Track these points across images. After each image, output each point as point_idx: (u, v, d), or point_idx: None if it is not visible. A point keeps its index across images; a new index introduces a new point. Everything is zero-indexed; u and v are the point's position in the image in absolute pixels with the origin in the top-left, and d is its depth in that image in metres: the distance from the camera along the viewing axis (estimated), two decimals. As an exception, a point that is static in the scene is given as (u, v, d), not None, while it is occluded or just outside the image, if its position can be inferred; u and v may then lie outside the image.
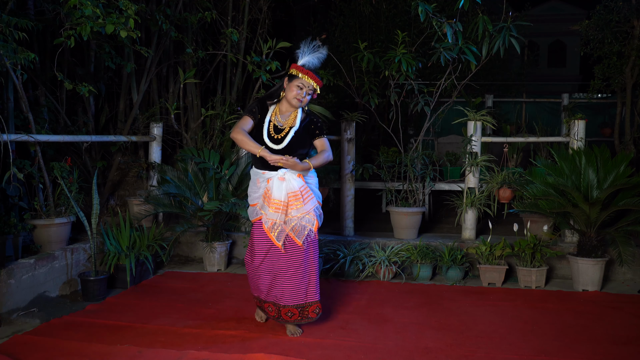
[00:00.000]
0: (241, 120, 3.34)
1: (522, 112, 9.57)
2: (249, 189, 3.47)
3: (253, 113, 3.36)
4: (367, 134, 8.30)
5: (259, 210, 3.37)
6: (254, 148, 3.23)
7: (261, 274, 3.37)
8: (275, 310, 3.37)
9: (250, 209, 3.46)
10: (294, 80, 3.33)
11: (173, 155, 6.29)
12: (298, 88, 3.32)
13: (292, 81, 3.34)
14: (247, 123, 3.32)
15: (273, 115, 3.39)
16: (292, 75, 3.35)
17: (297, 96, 3.33)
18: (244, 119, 3.34)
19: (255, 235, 3.40)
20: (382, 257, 4.70)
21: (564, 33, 19.10)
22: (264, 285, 3.38)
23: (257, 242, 3.38)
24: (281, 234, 3.30)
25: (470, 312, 3.87)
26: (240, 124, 3.31)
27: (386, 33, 8.02)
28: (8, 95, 4.55)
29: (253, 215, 3.43)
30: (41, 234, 4.43)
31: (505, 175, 5.02)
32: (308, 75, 3.32)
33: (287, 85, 3.36)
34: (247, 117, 3.34)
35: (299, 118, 3.41)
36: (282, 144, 3.32)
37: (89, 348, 3.13)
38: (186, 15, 5.80)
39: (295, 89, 3.33)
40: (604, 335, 3.42)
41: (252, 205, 3.44)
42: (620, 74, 6.65)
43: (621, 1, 6.51)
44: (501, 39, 4.78)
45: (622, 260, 4.32)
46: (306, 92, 3.34)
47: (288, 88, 3.36)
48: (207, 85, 6.79)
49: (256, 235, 3.39)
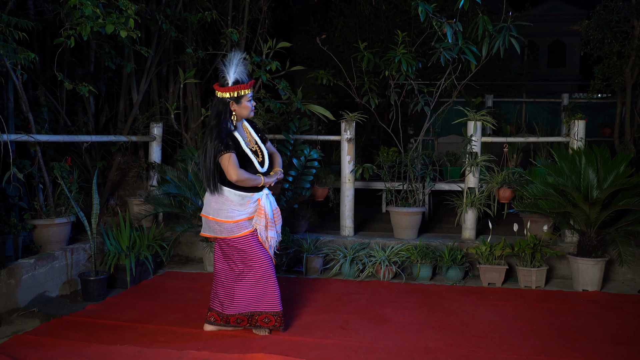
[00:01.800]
0: (230, 159, 3.20)
1: (522, 112, 9.57)
2: (223, 207, 3.32)
3: (233, 147, 3.26)
4: (367, 134, 8.30)
5: (248, 225, 3.36)
6: (258, 182, 3.32)
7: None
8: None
9: (232, 225, 3.32)
10: (242, 99, 3.31)
11: (173, 155, 6.29)
12: (249, 101, 3.35)
13: (240, 102, 3.31)
14: (236, 160, 3.24)
15: (241, 139, 3.35)
16: (238, 96, 3.29)
17: (252, 109, 3.39)
18: (232, 156, 3.21)
19: (257, 244, 3.38)
20: (382, 257, 4.70)
21: (564, 33, 19.07)
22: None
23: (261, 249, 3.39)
24: (271, 248, 3.48)
25: (470, 312, 3.87)
26: (233, 163, 3.21)
27: (386, 33, 8.02)
28: (8, 95, 4.55)
29: (237, 231, 3.33)
30: (41, 234, 4.43)
31: (505, 175, 5.02)
32: (249, 87, 3.32)
33: (237, 107, 3.32)
34: (232, 153, 3.22)
35: (253, 132, 3.49)
36: (265, 164, 3.44)
37: (89, 348, 3.13)
38: (186, 15, 5.80)
39: (248, 105, 3.34)
40: (603, 335, 3.42)
41: (234, 221, 3.32)
42: (620, 74, 6.65)
43: (621, 1, 6.51)
44: (501, 39, 4.78)
45: (622, 260, 4.32)
46: (252, 101, 3.40)
47: (239, 109, 3.33)
48: (207, 85, 6.79)
49: (257, 244, 3.38)
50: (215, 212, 3.34)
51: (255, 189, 3.37)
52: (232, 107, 3.31)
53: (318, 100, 7.98)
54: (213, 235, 3.40)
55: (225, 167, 3.22)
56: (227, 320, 3.40)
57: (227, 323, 3.41)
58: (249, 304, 3.37)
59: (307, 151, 5.30)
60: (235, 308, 3.38)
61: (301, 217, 5.54)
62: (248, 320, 3.39)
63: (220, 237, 3.38)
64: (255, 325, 3.38)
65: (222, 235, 3.36)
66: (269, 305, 3.36)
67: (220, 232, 3.36)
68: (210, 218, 3.36)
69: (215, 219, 3.34)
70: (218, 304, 3.45)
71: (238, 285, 3.39)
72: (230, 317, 3.39)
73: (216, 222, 3.34)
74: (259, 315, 3.37)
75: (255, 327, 3.39)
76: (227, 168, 3.21)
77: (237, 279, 3.40)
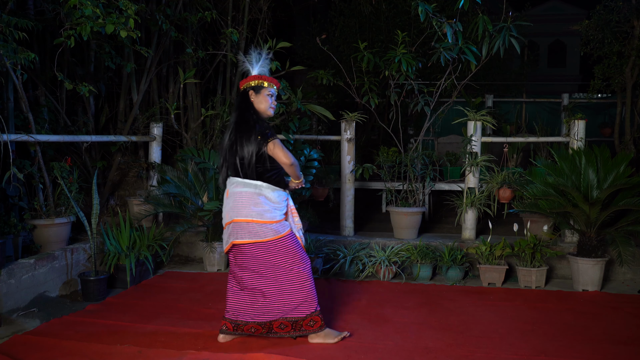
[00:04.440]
0: (278, 143, 3.11)
1: (522, 112, 9.57)
2: (265, 207, 3.14)
3: (274, 132, 3.19)
4: (367, 134, 8.30)
5: (287, 225, 3.25)
6: (300, 175, 3.28)
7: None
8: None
9: (277, 225, 3.17)
10: (262, 90, 3.24)
11: (173, 155, 6.30)
12: (270, 96, 3.26)
13: (260, 92, 3.24)
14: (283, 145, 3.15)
15: None
16: (258, 86, 3.23)
17: (271, 105, 3.27)
18: (278, 141, 3.13)
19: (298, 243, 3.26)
20: (382, 257, 4.70)
21: (564, 33, 19.09)
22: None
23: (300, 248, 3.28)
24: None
25: (470, 312, 3.87)
26: (283, 147, 3.11)
27: (386, 33, 8.02)
28: (8, 95, 4.55)
29: (282, 230, 3.19)
30: (41, 234, 4.43)
31: (505, 175, 5.02)
32: (273, 82, 3.27)
33: (256, 98, 3.24)
34: (277, 139, 3.14)
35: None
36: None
37: (89, 348, 3.13)
38: (186, 15, 5.80)
39: (267, 99, 3.25)
40: (603, 335, 3.42)
41: (277, 221, 3.17)
42: (620, 74, 6.65)
43: (621, 1, 6.51)
44: (501, 39, 4.78)
45: (622, 260, 4.32)
46: (274, 99, 3.31)
47: (258, 100, 3.23)
48: (207, 85, 6.79)
49: (298, 243, 3.26)
50: (258, 214, 3.12)
51: (285, 186, 3.29)
52: (251, 98, 3.24)
53: (318, 100, 7.99)
54: (255, 240, 3.14)
55: (276, 154, 3.09)
56: (270, 327, 3.22)
57: (269, 331, 3.23)
58: (292, 309, 3.19)
59: (307, 151, 5.30)
60: (273, 314, 3.20)
61: (301, 217, 5.54)
62: (292, 327, 3.21)
63: (264, 241, 3.14)
64: (301, 330, 3.21)
65: (267, 238, 3.13)
66: (310, 306, 3.19)
67: (264, 234, 3.14)
68: (254, 221, 3.11)
69: (261, 221, 3.11)
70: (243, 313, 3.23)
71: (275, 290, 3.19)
72: (274, 322, 3.21)
73: (263, 224, 3.12)
74: (303, 321, 3.19)
75: (301, 331, 3.21)
76: (278, 154, 3.09)
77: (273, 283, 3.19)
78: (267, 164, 3.17)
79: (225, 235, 3.27)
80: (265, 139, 3.11)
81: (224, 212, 3.26)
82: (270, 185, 3.19)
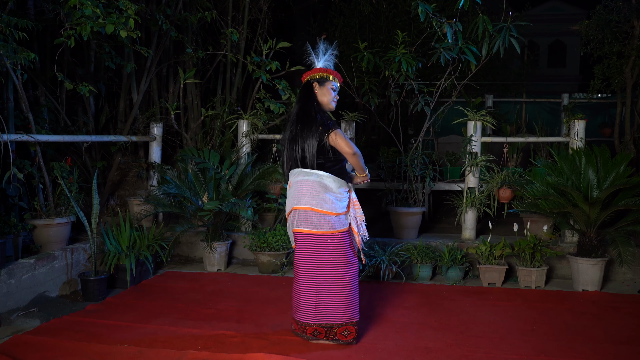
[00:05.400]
0: (339, 133, 3.08)
1: (522, 112, 9.56)
2: (325, 197, 3.10)
3: (336, 123, 3.15)
4: (367, 134, 8.30)
5: (345, 221, 3.19)
6: (365, 167, 3.23)
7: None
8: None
9: (334, 219, 3.12)
10: (326, 83, 3.21)
11: (173, 155, 6.30)
12: (332, 90, 3.23)
13: (324, 85, 3.21)
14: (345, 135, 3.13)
15: None
16: (323, 78, 3.21)
17: (333, 99, 3.24)
18: (340, 131, 3.10)
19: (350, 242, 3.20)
20: (382, 257, 4.69)
21: (564, 33, 19.09)
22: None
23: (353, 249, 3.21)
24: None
25: (470, 312, 3.87)
26: (345, 137, 3.09)
27: (386, 33, 8.01)
28: (8, 95, 4.55)
29: (338, 226, 3.14)
30: (41, 234, 4.43)
31: (505, 175, 5.01)
32: (337, 77, 3.24)
33: (319, 90, 3.21)
34: (339, 129, 3.11)
35: None
36: None
37: (89, 348, 3.13)
38: (186, 15, 5.81)
39: (330, 92, 3.22)
40: (603, 335, 3.42)
41: (336, 213, 3.12)
42: (620, 74, 6.64)
43: (621, 1, 6.51)
44: (501, 39, 4.78)
45: (622, 260, 4.32)
46: (336, 94, 3.27)
47: (322, 93, 3.21)
48: (207, 85, 6.79)
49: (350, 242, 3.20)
50: (318, 203, 3.07)
51: (348, 179, 3.25)
52: (315, 89, 3.21)
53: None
54: (310, 230, 3.10)
55: (338, 145, 3.05)
56: (304, 330, 3.21)
57: (303, 332, 3.22)
58: (332, 314, 3.14)
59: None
60: (315, 318, 3.16)
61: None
62: (326, 334, 3.17)
63: (317, 233, 3.10)
64: (334, 339, 3.16)
65: (322, 230, 3.09)
66: (351, 314, 3.14)
67: (320, 226, 3.09)
68: (313, 210, 3.07)
69: (321, 211, 3.07)
70: (300, 313, 3.21)
71: (323, 291, 3.14)
72: (308, 327, 3.18)
73: (322, 214, 3.07)
74: (338, 328, 3.15)
75: (334, 340, 3.17)
76: (340, 144, 3.05)
77: (323, 284, 3.14)
78: (329, 155, 3.14)
79: (288, 227, 3.28)
80: (326, 130, 3.08)
81: (287, 202, 3.27)
82: (332, 175, 3.15)
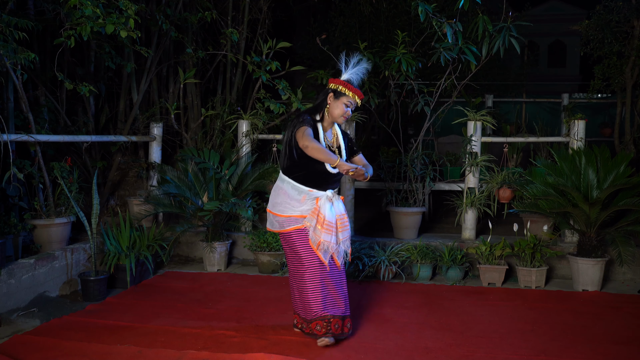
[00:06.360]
0: (305, 131, 3.02)
1: (522, 112, 9.56)
2: (278, 200, 3.20)
3: (312, 127, 3.10)
4: (367, 134, 8.30)
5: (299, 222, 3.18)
6: (332, 158, 2.97)
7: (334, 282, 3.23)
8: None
9: (282, 219, 3.19)
10: (342, 98, 3.18)
11: (173, 155, 6.30)
12: (345, 106, 3.19)
13: (339, 98, 3.18)
14: (311, 133, 3.04)
15: (321, 134, 3.21)
16: (339, 92, 3.18)
17: (344, 114, 3.20)
18: (308, 130, 3.03)
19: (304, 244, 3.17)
20: (382, 257, 4.69)
21: (564, 33, 19.06)
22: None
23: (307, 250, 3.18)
24: (326, 253, 3.18)
25: (470, 312, 3.87)
26: (307, 135, 3.01)
27: (386, 33, 8.01)
28: (8, 95, 4.55)
29: (286, 225, 3.19)
30: (41, 234, 4.43)
31: (505, 175, 5.01)
32: (357, 94, 3.20)
33: (333, 101, 3.19)
34: (309, 128, 3.06)
35: (341, 136, 3.32)
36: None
37: (89, 348, 3.13)
38: (186, 15, 5.81)
39: (342, 107, 3.19)
40: (603, 335, 3.42)
41: (285, 215, 3.18)
42: (620, 74, 6.64)
43: (621, 1, 6.50)
44: (501, 39, 4.78)
45: (622, 260, 4.32)
46: (351, 110, 3.24)
47: (334, 105, 3.19)
48: (207, 85, 6.79)
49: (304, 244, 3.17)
50: (272, 204, 3.25)
51: (317, 187, 3.16)
52: (328, 100, 3.20)
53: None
54: (272, 229, 3.28)
55: (298, 138, 3.02)
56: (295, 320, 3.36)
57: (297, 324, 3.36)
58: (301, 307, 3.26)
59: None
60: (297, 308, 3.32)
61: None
62: (302, 326, 3.28)
63: (274, 232, 3.31)
64: (311, 333, 3.18)
65: (274, 229, 3.26)
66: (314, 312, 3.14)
67: (272, 225, 3.27)
68: (268, 211, 3.29)
69: (272, 212, 3.25)
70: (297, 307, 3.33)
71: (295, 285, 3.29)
72: (295, 315, 3.34)
73: (272, 215, 3.24)
74: (311, 323, 3.17)
75: (312, 335, 3.19)
76: (298, 138, 3.03)
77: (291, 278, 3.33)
78: (294, 158, 3.13)
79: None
80: (294, 126, 3.08)
81: None
82: (292, 182, 3.17)
